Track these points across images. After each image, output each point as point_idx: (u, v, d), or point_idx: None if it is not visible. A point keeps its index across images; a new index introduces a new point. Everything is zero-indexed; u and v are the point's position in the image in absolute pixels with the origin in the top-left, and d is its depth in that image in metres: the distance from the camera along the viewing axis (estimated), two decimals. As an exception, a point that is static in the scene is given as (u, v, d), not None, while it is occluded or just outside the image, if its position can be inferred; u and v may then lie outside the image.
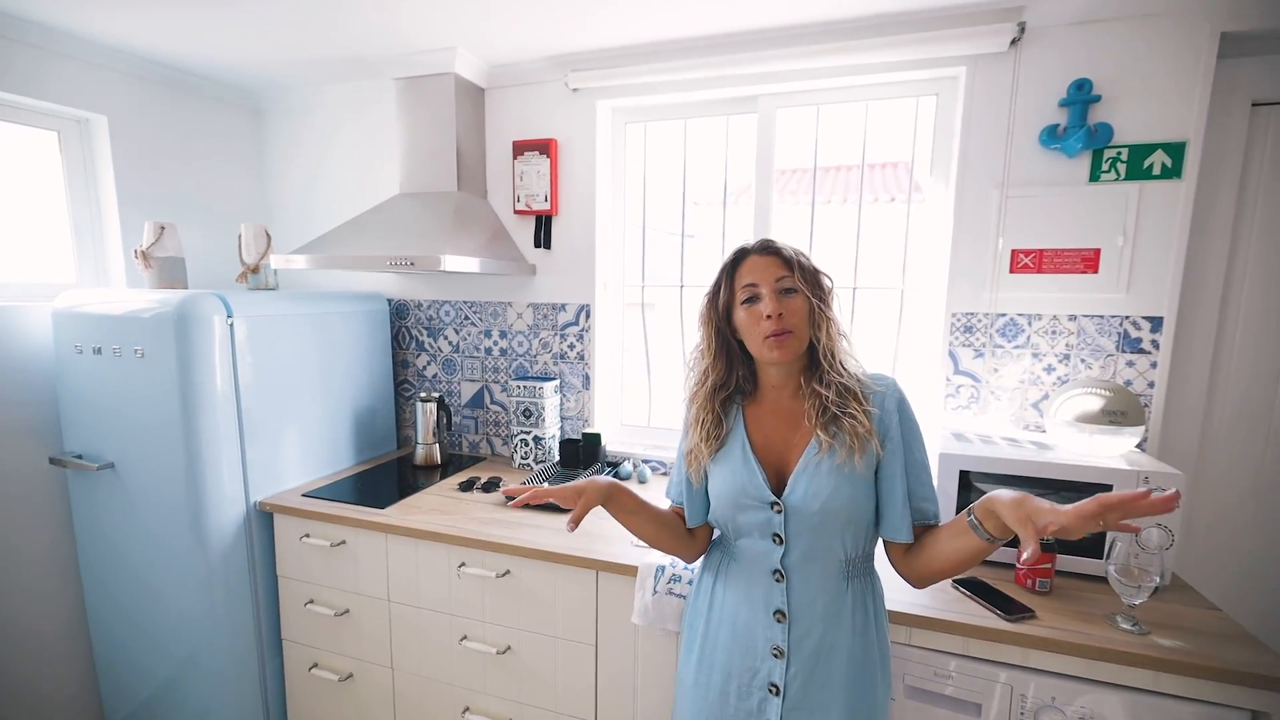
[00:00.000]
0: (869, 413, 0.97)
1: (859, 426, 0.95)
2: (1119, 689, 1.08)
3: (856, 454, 0.95)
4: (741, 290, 1.00)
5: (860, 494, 0.97)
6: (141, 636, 1.74)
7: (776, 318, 0.95)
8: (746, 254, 1.02)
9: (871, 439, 0.96)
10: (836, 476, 0.96)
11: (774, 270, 0.98)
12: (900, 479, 0.98)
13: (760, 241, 1.02)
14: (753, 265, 1.00)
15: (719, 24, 1.65)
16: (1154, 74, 1.46)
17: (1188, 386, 1.58)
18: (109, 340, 1.59)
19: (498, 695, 1.53)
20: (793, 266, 0.98)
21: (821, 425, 0.97)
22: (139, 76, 1.95)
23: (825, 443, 0.96)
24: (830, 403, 0.97)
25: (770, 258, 0.99)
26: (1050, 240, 1.57)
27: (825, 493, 0.96)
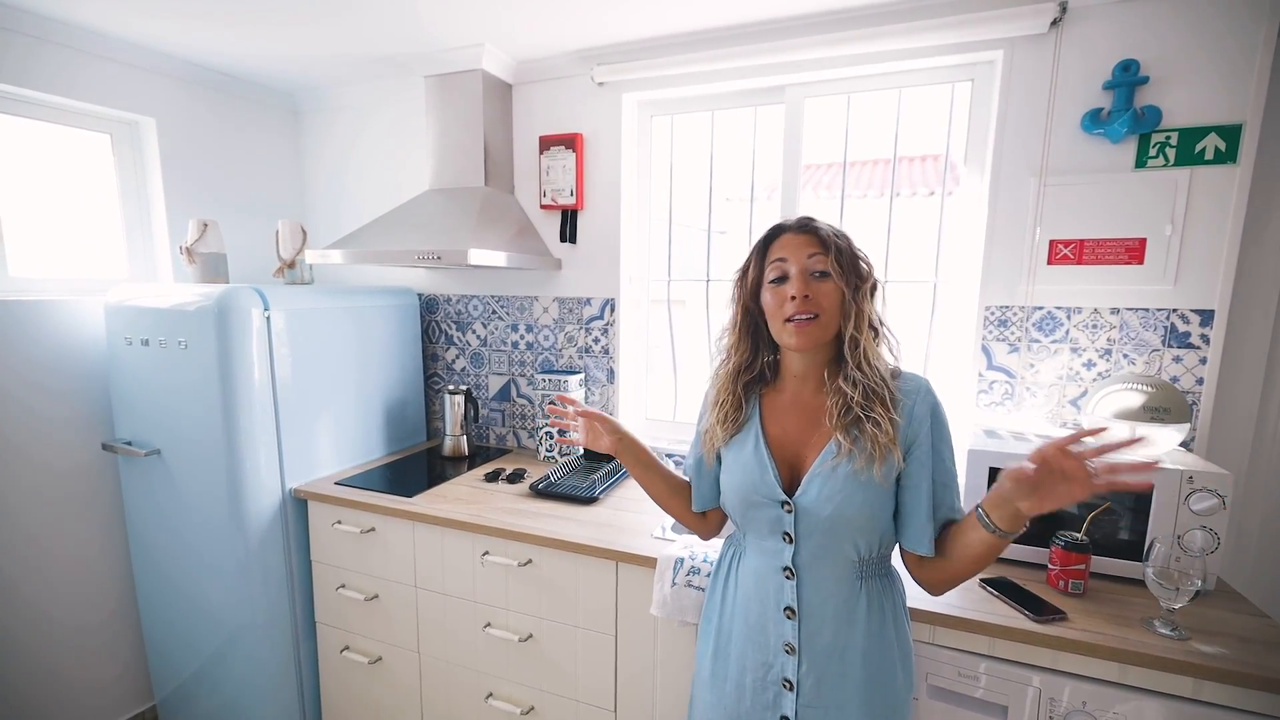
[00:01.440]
0: (894, 421, 0.92)
1: (882, 435, 0.91)
2: (1156, 695, 1.03)
3: (876, 463, 0.91)
4: (771, 267, 0.96)
5: (876, 503, 0.94)
6: (187, 615, 1.82)
7: (802, 299, 0.92)
8: (782, 230, 0.98)
9: (894, 449, 0.92)
10: (852, 483, 0.93)
11: (807, 249, 0.94)
12: (925, 490, 0.94)
13: (799, 219, 0.98)
14: (786, 242, 0.96)
15: (745, 12, 1.63)
16: (1207, 53, 1.38)
17: (1240, 384, 1.50)
18: (156, 332, 1.67)
19: (519, 682, 1.55)
20: (829, 248, 0.93)
21: (842, 427, 0.94)
22: (183, 80, 2.03)
23: (845, 447, 0.93)
24: (855, 403, 0.93)
25: (806, 236, 0.95)
26: (1091, 230, 1.51)
27: (839, 498, 0.93)
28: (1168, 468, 1.22)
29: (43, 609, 1.79)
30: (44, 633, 1.79)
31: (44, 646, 1.80)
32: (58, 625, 1.82)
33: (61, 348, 1.79)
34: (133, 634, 1.99)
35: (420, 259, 1.65)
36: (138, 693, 2.02)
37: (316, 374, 1.82)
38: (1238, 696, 0.98)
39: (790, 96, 1.80)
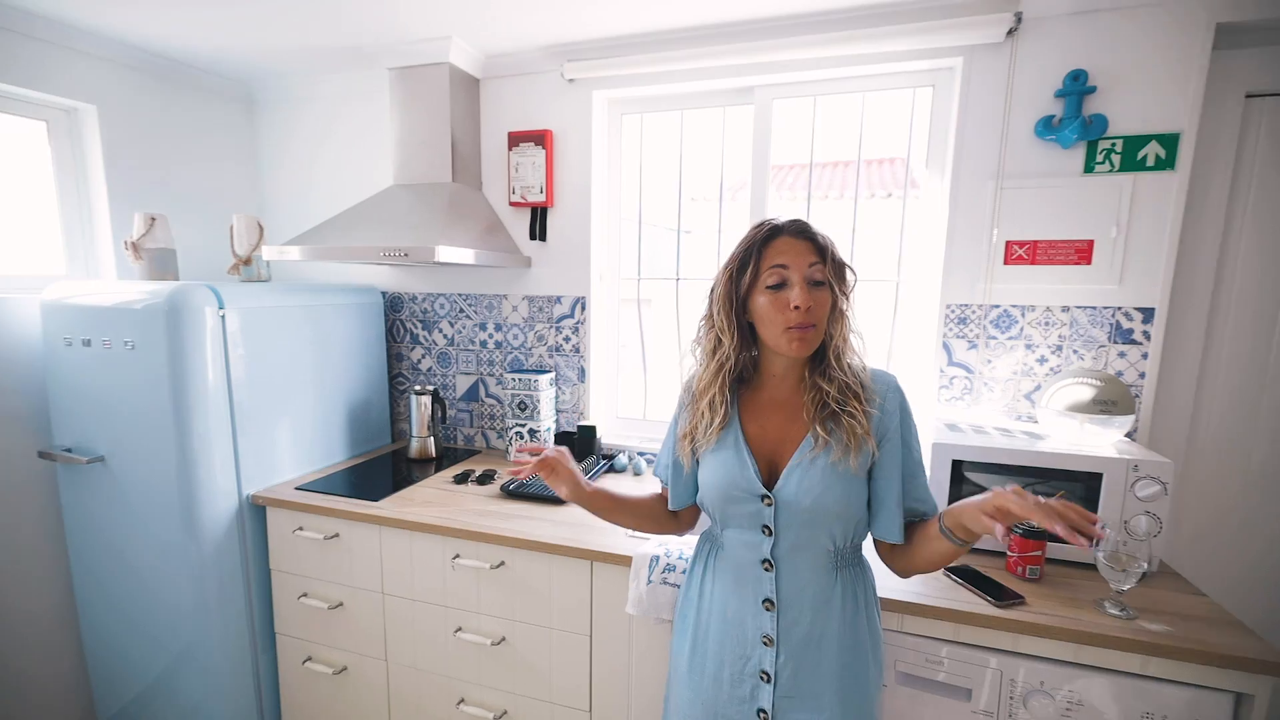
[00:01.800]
0: (869, 414, 0.96)
1: (857, 427, 0.94)
2: (1106, 673, 1.09)
3: (852, 454, 0.94)
4: (770, 272, 0.94)
5: (852, 492, 0.96)
6: (133, 631, 1.73)
7: (805, 310, 0.92)
8: (780, 232, 0.96)
9: (868, 440, 0.95)
10: (830, 474, 0.95)
11: (808, 257, 0.94)
12: (896, 480, 0.98)
13: (793, 221, 0.97)
14: (786, 246, 0.95)
15: (716, 13, 1.65)
16: (1149, 65, 1.46)
17: (1178, 377, 1.60)
18: (100, 332, 1.58)
19: (492, 686, 1.53)
20: (825, 256, 0.94)
21: (819, 421, 0.96)
22: (129, 65, 1.92)
23: (821, 440, 0.96)
24: (831, 399, 0.96)
25: (805, 242, 0.95)
26: (1044, 232, 1.58)
27: (818, 489, 0.95)
28: (1115, 457, 1.28)
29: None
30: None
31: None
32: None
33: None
34: (73, 653, 1.88)
35: (386, 256, 1.61)
36: (79, 716, 1.90)
37: (275, 375, 1.75)
38: (1181, 671, 1.04)
39: (759, 98, 1.82)
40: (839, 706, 0.98)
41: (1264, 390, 1.56)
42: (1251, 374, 1.56)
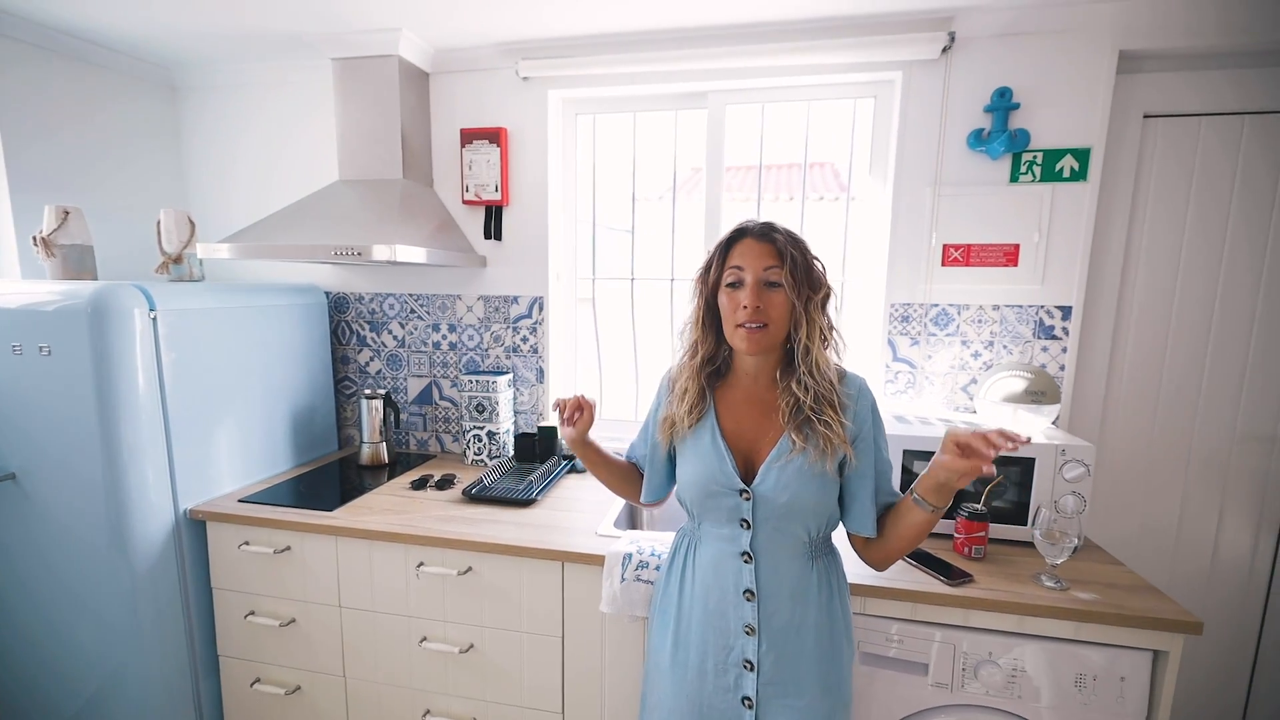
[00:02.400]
0: (843, 424, 0.99)
1: (833, 436, 0.98)
2: (1045, 640, 1.19)
3: (828, 459, 0.98)
4: (729, 271, 1.00)
5: (827, 490, 1.01)
6: (53, 667, 1.58)
7: (753, 310, 0.97)
8: (744, 235, 1.01)
9: (844, 446, 0.99)
10: (805, 474, 0.99)
11: (764, 259, 0.98)
12: (869, 478, 1.03)
13: (762, 224, 1.01)
14: (745, 249, 0.99)
15: (671, 19, 1.68)
16: (1064, 85, 1.61)
17: (1092, 369, 1.77)
18: (7, 337, 1.43)
19: (460, 695, 1.50)
20: (784, 259, 0.97)
21: (794, 426, 1.00)
22: (30, 44, 1.75)
23: (798, 444, 0.99)
24: (805, 406, 0.99)
25: (765, 245, 0.99)
26: (977, 236, 1.71)
27: (794, 486, 0.99)
28: (1044, 443, 1.41)
29: None
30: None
31: None
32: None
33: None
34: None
35: (339, 254, 1.54)
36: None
37: (211, 381, 1.64)
38: (1108, 634, 1.16)
39: (713, 102, 1.87)
40: (819, 689, 1.03)
41: (1161, 379, 1.75)
42: (1151, 364, 1.75)
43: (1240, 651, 1.78)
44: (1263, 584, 1.75)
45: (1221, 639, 1.78)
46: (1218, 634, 1.77)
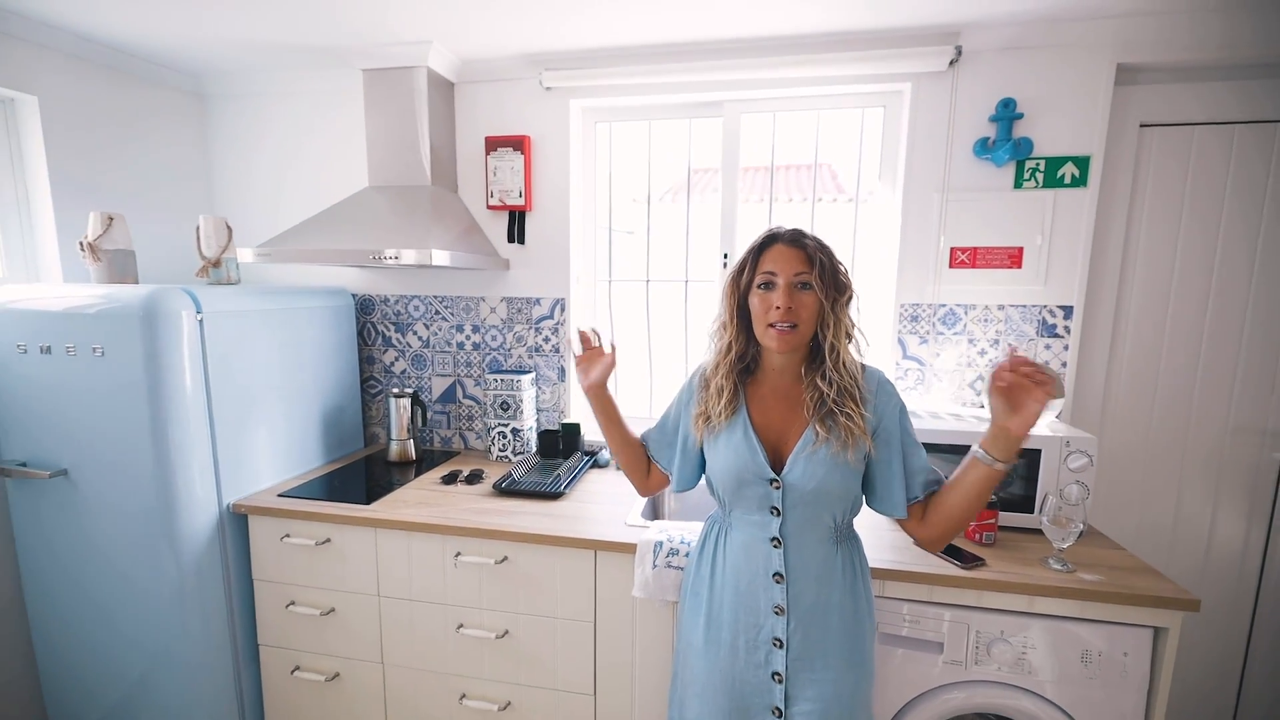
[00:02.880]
0: (865, 416, 1.07)
1: (854, 428, 1.05)
2: (1053, 619, 1.27)
3: (850, 449, 1.05)
4: (760, 274, 1.07)
5: (851, 479, 1.08)
6: (100, 655, 1.64)
7: (785, 310, 1.04)
8: (775, 240, 1.08)
9: (865, 438, 1.06)
10: (831, 464, 1.06)
11: (795, 264, 1.05)
12: (896, 464, 1.09)
13: (791, 231, 1.09)
14: (778, 254, 1.07)
15: (688, 33, 1.75)
16: (1065, 95, 1.69)
17: (1092, 365, 1.85)
18: (61, 338, 1.49)
19: (495, 679, 1.57)
20: (814, 264, 1.05)
21: (819, 418, 1.07)
22: (73, 55, 1.81)
23: (821, 435, 1.06)
24: (830, 399, 1.06)
25: (796, 251, 1.06)
26: (982, 239, 1.79)
27: (820, 475, 1.07)
28: (1049, 435, 1.49)
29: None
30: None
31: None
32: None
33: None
34: (27, 683, 1.75)
35: (377, 259, 1.61)
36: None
37: (249, 380, 1.70)
38: (1112, 612, 1.24)
39: (728, 111, 1.95)
40: (844, 664, 1.10)
41: (1158, 375, 1.83)
42: (1148, 361, 1.83)
43: (1235, 634, 1.87)
44: (1255, 570, 1.84)
45: (1217, 621, 1.86)
46: (1214, 617, 1.86)
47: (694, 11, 1.61)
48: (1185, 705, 1.90)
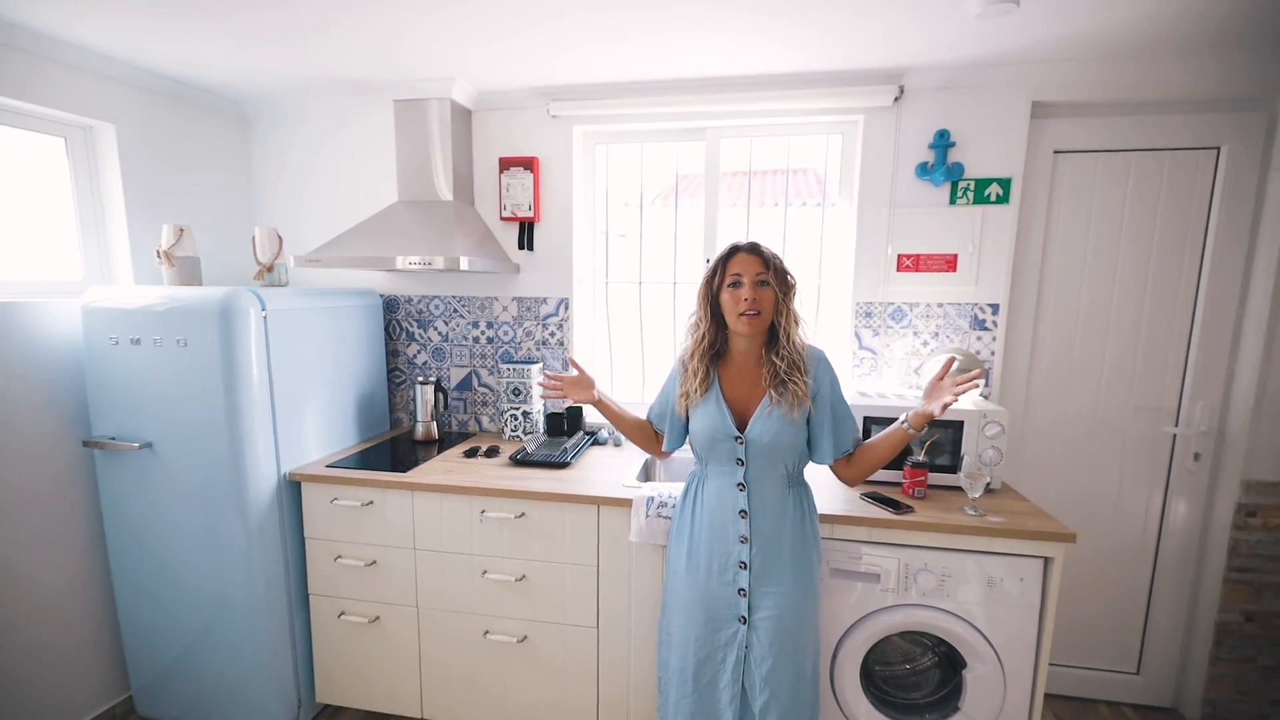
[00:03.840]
0: (806, 382, 1.40)
1: (799, 390, 1.38)
2: (966, 553, 1.59)
3: (795, 410, 1.39)
4: (729, 276, 1.39)
5: (798, 434, 1.41)
6: (171, 603, 1.92)
7: (751, 301, 1.36)
8: (738, 250, 1.40)
9: (806, 400, 1.39)
10: (782, 422, 1.39)
11: (755, 267, 1.37)
12: (828, 423, 1.43)
13: (749, 243, 1.41)
14: (741, 260, 1.39)
15: (676, 71, 2.05)
16: (991, 127, 2.02)
17: (1017, 353, 2.18)
18: (149, 331, 1.77)
19: (514, 617, 1.87)
20: (769, 266, 1.38)
21: (774, 387, 1.40)
22: (141, 87, 2.09)
23: (775, 399, 1.39)
24: (782, 371, 1.40)
25: (754, 257, 1.38)
26: (924, 247, 2.11)
27: (773, 432, 1.39)
28: (971, 409, 1.81)
29: (10, 607, 1.80)
30: (9, 630, 1.81)
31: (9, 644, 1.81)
32: (26, 623, 1.84)
33: (31, 349, 1.82)
34: (108, 626, 2.03)
35: (413, 264, 1.91)
36: (111, 685, 2.05)
37: (299, 369, 1.99)
38: (1011, 545, 1.56)
39: (710, 136, 2.26)
40: (794, 581, 1.42)
41: (1072, 361, 2.16)
42: (1063, 349, 2.16)
43: (1140, 575, 2.21)
44: (1155, 523, 2.18)
45: (1125, 566, 2.20)
46: (1123, 562, 2.20)
47: (680, 54, 1.91)
48: (1103, 633, 2.24)
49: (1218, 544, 2.08)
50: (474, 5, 1.59)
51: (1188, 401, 2.10)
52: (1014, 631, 1.59)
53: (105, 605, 2.03)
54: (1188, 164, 2.00)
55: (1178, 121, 1.98)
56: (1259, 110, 1.94)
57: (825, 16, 1.63)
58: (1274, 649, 2.08)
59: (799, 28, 1.70)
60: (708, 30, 1.72)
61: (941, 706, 1.70)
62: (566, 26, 1.71)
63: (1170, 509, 2.16)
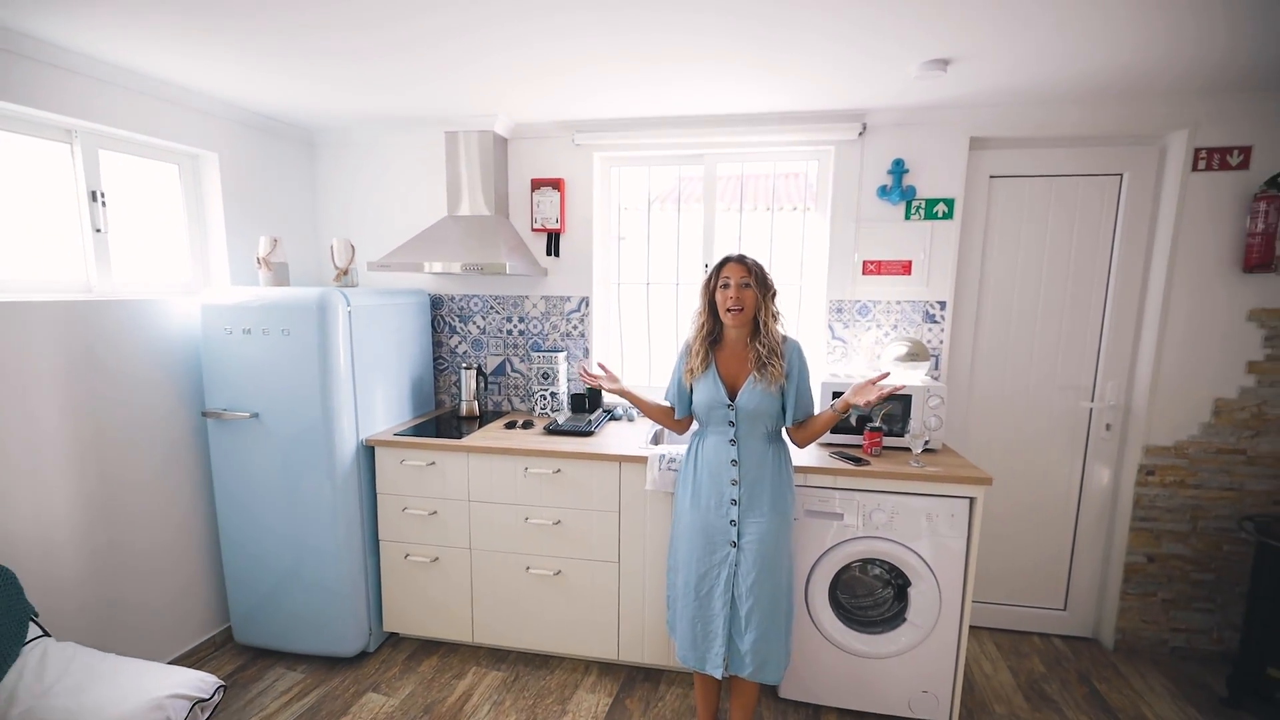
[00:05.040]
0: (781, 366, 1.83)
1: (776, 372, 1.81)
2: (910, 495, 2.04)
3: (773, 386, 1.82)
4: (721, 279, 1.82)
5: (774, 403, 1.84)
6: (267, 549, 2.35)
7: (735, 299, 1.79)
8: (729, 260, 1.82)
9: (782, 378, 1.82)
10: (763, 395, 1.82)
11: (741, 273, 1.79)
12: (793, 397, 1.85)
13: (739, 255, 1.83)
14: (730, 268, 1.81)
15: (679, 110, 2.50)
16: (937, 157, 2.47)
17: (961, 342, 2.63)
18: (258, 323, 2.20)
19: (550, 555, 2.31)
20: (752, 273, 1.79)
21: (757, 368, 1.83)
22: (236, 121, 2.51)
23: (757, 378, 1.82)
24: (764, 356, 1.82)
25: (741, 266, 1.80)
26: (885, 254, 2.56)
27: (756, 401, 1.82)
28: (919, 385, 2.26)
29: (136, 548, 2.23)
30: (134, 568, 2.23)
31: (134, 579, 2.23)
32: (148, 561, 2.26)
33: (155, 338, 2.24)
34: (213, 567, 2.46)
35: (460, 268, 2.35)
36: (214, 616, 2.48)
37: (372, 354, 2.42)
38: (943, 489, 2.01)
39: (708, 160, 2.71)
40: (772, 512, 1.85)
41: (1007, 348, 2.61)
42: (1000, 339, 2.62)
43: (1064, 527, 2.66)
44: (1076, 483, 2.64)
45: (1054, 519, 2.65)
46: (1052, 516, 2.65)
47: (683, 97, 2.35)
48: (1036, 577, 2.69)
49: (1125, 499, 2.54)
50: (513, 57, 1.99)
51: (1100, 381, 2.56)
52: (947, 556, 2.04)
53: (211, 549, 2.45)
54: (1097, 187, 2.46)
55: (1089, 153, 2.43)
56: (1152, 145, 2.40)
57: (800, 71, 2.07)
58: (1170, 585, 2.54)
59: (781, 78, 2.14)
60: (706, 78, 2.15)
61: (893, 622, 2.14)
62: (588, 75, 2.14)
63: (1089, 470, 2.62)
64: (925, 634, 2.06)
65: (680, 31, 1.75)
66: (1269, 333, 2.34)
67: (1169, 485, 2.48)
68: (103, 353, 2.08)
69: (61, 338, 1.96)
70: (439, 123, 2.62)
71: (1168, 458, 2.46)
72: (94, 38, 1.83)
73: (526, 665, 2.43)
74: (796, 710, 2.21)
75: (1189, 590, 2.52)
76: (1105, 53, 1.88)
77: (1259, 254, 2.24)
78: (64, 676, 1.52)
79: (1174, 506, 2.49)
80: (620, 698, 2.26)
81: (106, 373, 2.09)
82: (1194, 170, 2.31)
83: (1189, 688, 2.35)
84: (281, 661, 2.42)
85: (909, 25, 1.70)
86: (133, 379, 2.17)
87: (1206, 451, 2.44)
